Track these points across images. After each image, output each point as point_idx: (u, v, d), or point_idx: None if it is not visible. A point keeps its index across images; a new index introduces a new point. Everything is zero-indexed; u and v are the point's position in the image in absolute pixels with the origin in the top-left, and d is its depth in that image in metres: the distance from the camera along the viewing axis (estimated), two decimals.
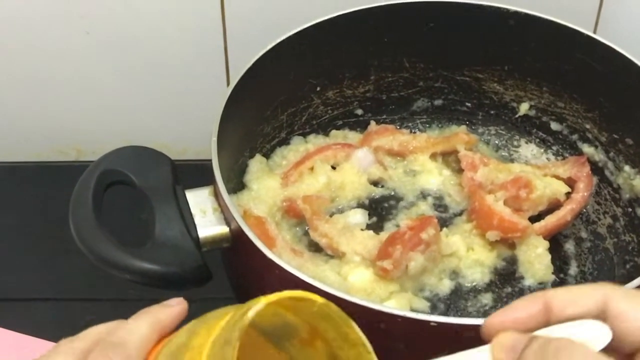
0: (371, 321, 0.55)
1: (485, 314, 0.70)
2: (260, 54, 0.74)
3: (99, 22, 0.85)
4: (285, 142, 0.82)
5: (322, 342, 0.44)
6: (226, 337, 0.38)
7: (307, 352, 0.45)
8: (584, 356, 0.38)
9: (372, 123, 0.84)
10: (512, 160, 0.84)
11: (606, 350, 0.40)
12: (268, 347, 0.46)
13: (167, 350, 0.43)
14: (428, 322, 0.54)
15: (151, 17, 0.85)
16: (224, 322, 0.40)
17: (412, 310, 0.68)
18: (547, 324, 0.42)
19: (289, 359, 0.46)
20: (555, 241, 0.75)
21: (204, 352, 0.39)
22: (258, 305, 0.39)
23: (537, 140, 0.85)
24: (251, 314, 0.38)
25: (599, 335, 0.40)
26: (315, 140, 0.83)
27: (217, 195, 0.66)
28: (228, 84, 0.90)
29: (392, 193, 0.80)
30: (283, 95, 0.80)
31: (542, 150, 0.85)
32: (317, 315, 0.42)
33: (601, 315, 0.41)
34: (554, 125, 0.84)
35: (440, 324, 0.54)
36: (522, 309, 0.42)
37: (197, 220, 0.66)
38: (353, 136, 0.84)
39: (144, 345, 0.44)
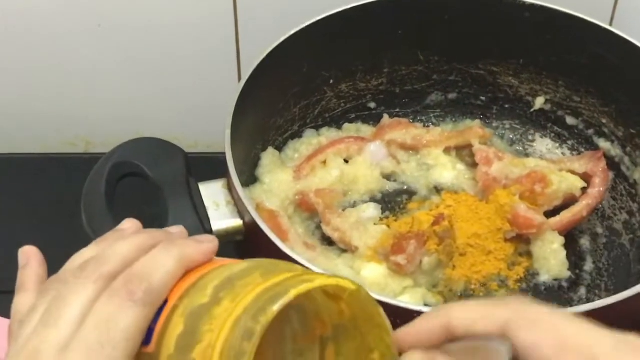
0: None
1: None
2: (273, 46, 0.73)
3: (111, 14, 0.85)
4: (297, 135, 0.82)
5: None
6: (247, 328, 0.37)
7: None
8: None
9: (385, 116, 0.83)
10: (526, 155, 0.83)
11: None
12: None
13: (185, 308, 0.41)
14: None
15: (163, 9, 0.85)
16: (250, 300, 0.39)
17: (426, 305, 0.68)
18: (453, 339, 0.42)
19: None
20: (570, 237, 0.74)
21: (222, 335, 0.38)
22: (285, 298, 0.38)
23: (553, 134, 0.84)
24: (277, 308, 0.37)
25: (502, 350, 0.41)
26: (328, 134, 0.82)
27: (230, 188, 0.66)
28: (239, 76, 0.90)
29: (405, 187, 0.79)
30: (296, 88, 0.79)
31: (557, 144, 0.84)
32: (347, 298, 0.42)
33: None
34: (570, 120, 0.83)
35: None
36: (421, 327, 0.43)
37: (211, 213, 0.65)
38: (366, 130, 0.83)
39: (169, 281, 0.42)
